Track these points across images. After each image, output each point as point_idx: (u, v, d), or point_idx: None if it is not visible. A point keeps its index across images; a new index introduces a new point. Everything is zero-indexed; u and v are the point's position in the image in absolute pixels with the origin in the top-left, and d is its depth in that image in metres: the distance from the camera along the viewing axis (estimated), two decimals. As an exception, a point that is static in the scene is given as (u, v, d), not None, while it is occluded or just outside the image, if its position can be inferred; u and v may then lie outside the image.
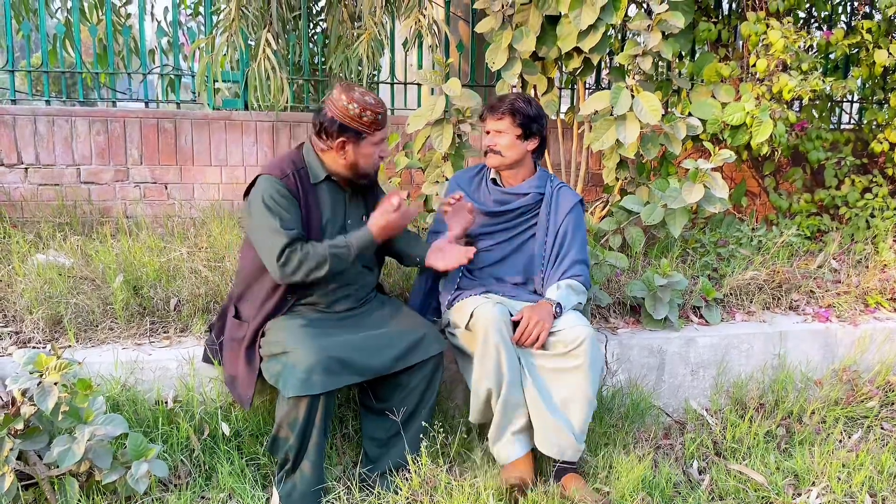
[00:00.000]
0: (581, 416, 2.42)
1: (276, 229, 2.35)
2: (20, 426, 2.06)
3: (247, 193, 2.49)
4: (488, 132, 2.76)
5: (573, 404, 2.43)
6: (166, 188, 4.06)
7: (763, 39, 3.75)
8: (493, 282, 2.77)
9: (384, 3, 3.47)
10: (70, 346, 2.66)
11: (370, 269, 2.67)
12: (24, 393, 2.06)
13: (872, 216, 4.25)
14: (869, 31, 4.04)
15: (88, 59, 4.40)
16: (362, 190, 2.63)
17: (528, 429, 2.46)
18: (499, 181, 2.83)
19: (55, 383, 2.01)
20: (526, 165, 2.80)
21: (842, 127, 5.06)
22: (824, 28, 4.74)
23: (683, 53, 4.62)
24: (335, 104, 2.40)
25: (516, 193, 2.79)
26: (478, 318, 2.45)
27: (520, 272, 2.78)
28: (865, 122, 4.66)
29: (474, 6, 3.63)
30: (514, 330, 2.47)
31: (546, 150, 2.88)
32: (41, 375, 2.03)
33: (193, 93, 4.47)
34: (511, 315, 2.52)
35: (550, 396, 2.44)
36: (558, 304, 2.54)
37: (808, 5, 4.42)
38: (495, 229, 2.80)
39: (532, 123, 2.71)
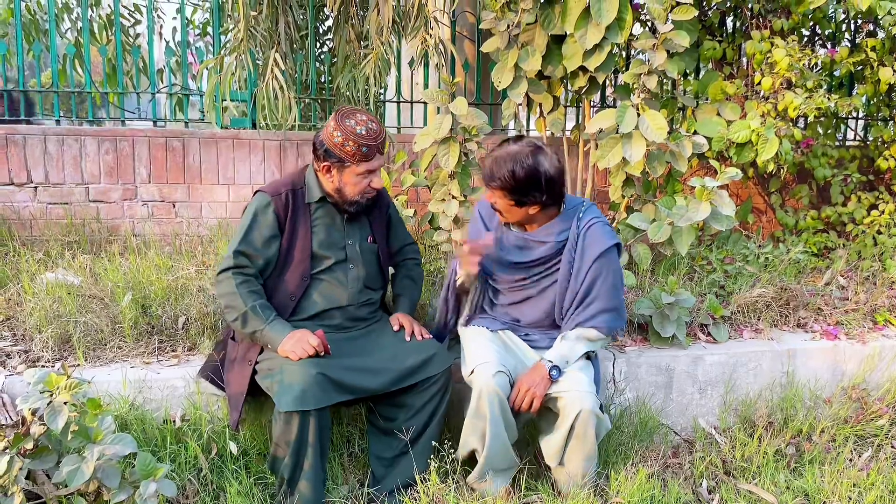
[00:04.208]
0: (581, 471, 2.46)
1: (236, 247, 2.47)
2: (30, 445, 2.07)
3: None
4: None
5: (574, 462, 2.46)
6: (174, 206, 4.08)
7: (768, 58, 3.77)
8: (512, 321, 2.68)
9: (391, 23, 3.50)
10: (79, 364, 2.66)
11: (373, 290, 2.68)
12: (34, 412, 2.06)
13: (879, 233, 4.25)
14: (873, 48, 4.06)
15: (98, 79, 4.44)
16: (366, 210, 2.65)
17: (511, 470, 2.53)
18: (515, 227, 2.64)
19: (65, 403, 2.02)
20: (542, 217, 2.55)
21: (847, 144, 5.06)
22: (828, 46, 4.76)
23: (688, 72, 4.64)
24: (326, 128, 2.47)
25: (537, 241, 2.57)
26: (476, 379, 2.40)
27: (542, 314, 2.64)
28: (871, 138, 4.67)
29: (480, 26, 3.66)
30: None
31: (562, 196, 2.56)
32: (51, 395, 2.04)
33: (201, 111, 4.50)
34: (515, 366, 2.51)
35: (553, 448, 2.48)
36: (554, 367, 2.43)
37: (812, 23, 4.44)
38: (516, 275, 2.62)
39: (527, 195, 2.42)
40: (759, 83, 3.79)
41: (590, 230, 2.51)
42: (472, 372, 2.42)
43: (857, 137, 5.19)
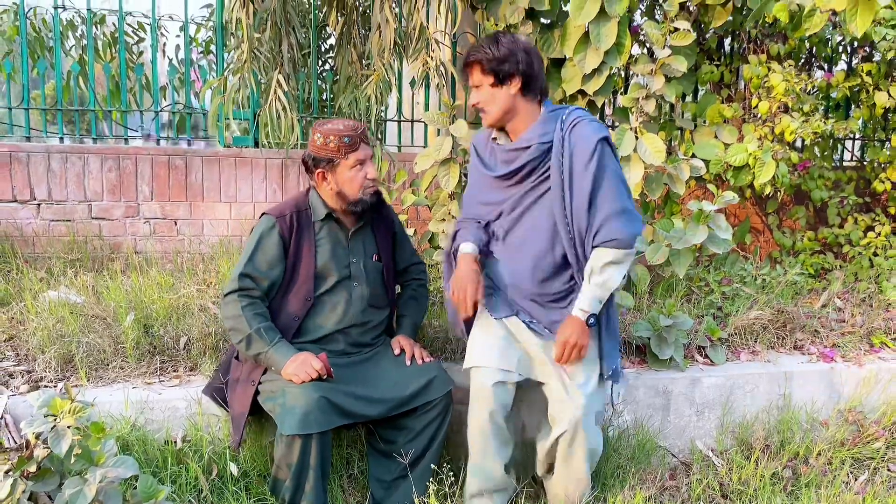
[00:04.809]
0: (577, 494, 2.48)
1: (241, 270, 2.50)
2: (33, 468, 2.08)
3: None
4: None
5: (559, 475, 2.48)
6: (176, 224, 4.11)
7: (765, 82, 3.82)
8: (512, 289, 2.47)
9: (392, 45, 3.54)
10: (81, 385, 2.68)
11: (378, 308, 2.70)
12: (37, 436, 2.07)
13: (875, 255, 4.28)
14: (869, 73, 4.11)
15: (101, 95, 4.48)
16: (369, 225, 2.68)
17: (506, 491, 2.55)
18: (501, 139, 2.49)
19: (69, 427, 2.03)
20: (523, 112, 2.40)
21: (844, 165, 5.10)
22: (825, 69, 4.81)
23: (686, 94, 4.69)
24: (309, 140, 2.55)
25: (521, 147, 2.39)
26: (473, 381, 2.41)
27: (545, 240, 2.40)
28: (867, 160, 4.71)
29: (481, 49, 3.69)
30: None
31: (542, 86, 2.43)
32: (55, 418, 2.05)
33: (204, 130, 4.54)
34: (515, 364, 2.46)
35: (541, 454, 2.52)
36: (591, 315, 2.31)
37: (808, 47, 4.50)
38: (504, 198, 2.44)
39: (503, 64, 2.32)
40: (756, 106, 3.84)
41: (574, 128, 2.34)
42: (471, 370, 2.43)
43: (854, 159, 5.24)
